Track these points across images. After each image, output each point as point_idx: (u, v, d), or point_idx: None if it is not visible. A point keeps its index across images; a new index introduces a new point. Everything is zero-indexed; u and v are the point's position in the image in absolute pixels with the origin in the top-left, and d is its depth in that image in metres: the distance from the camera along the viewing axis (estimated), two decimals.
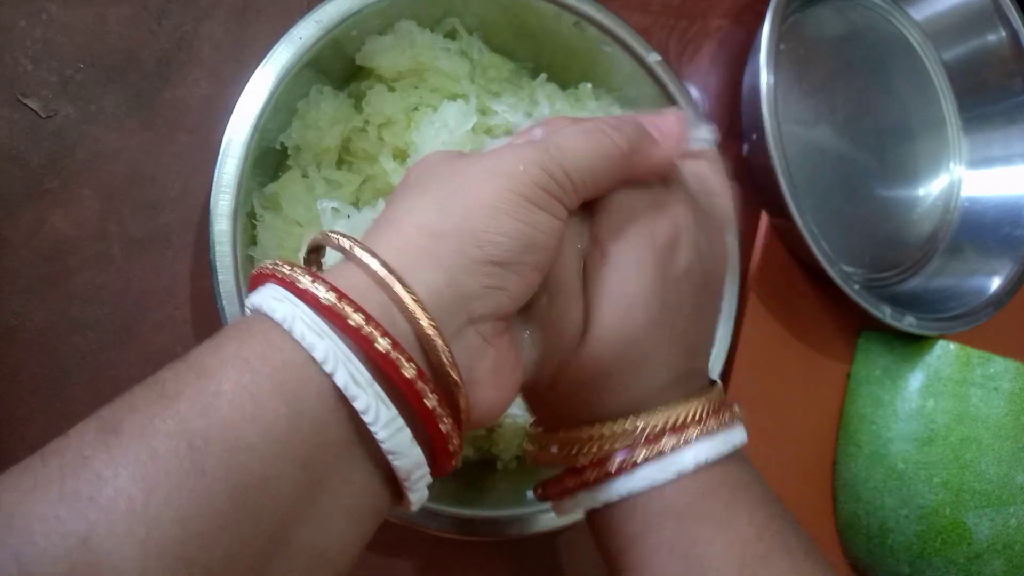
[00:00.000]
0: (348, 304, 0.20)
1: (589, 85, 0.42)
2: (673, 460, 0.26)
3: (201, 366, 0.20)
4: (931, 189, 0.56)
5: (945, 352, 0.49)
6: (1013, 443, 0.48)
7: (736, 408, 0.28)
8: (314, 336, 0.20)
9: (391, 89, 0.39)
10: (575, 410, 0.27)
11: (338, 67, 0.39)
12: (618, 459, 0.26)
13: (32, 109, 0.37)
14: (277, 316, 0.20)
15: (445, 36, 0.40)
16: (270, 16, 0.40)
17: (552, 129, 0.27)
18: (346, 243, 0.22)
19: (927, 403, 0.49)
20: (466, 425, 0.23)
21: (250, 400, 0.19)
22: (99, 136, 0.37)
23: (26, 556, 0.16)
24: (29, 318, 0.36)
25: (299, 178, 0.37)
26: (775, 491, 0.28)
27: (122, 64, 0.38)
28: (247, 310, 0.23)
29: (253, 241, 0.36)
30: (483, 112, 0.39)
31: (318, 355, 0.20)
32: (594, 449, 0.27)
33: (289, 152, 0.38)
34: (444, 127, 0.37)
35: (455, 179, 0.24)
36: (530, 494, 0.39)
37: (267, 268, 0.22)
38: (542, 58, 0.43)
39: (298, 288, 0.21)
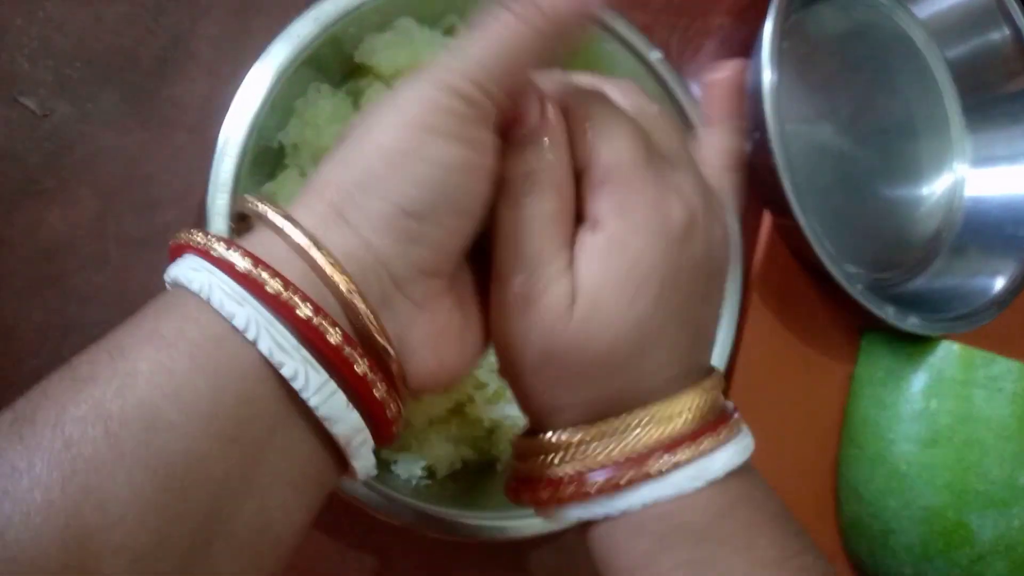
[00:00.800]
0: (265, 270, 0.20)
1: None
2: (700, 467, 0.23)
3: (116, 346, 0.19)
4: (935, 188, 0.56)
5: (948, 353, 0.49)
6: (1017, 444, 0.48)
7: (735, 410, 0.26)
8: (233, 304, 0.19)
9: (390, 87, 0.39)
10: (565, 407, 0.25)
11: (336, 65, 0.39)
12: (619, 469, 0.23)
13: (29, 108, 0.37)
14: (194, 286, 0.20)
15: (444, 33, 0.40)
16: (268, 14, 0.40)
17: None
18: (261, 208, 0.21)
19: (930, 404, 0.48)
20: (405, 392, 0.22)
21: (168, 377, 0.18)
22: (96, 135, 0.37)
23: None
24: (26, 318, 0.36)
25: (297, 177, 0.37)
26: (776, 492, 0.27)
27: (119, 62, 0.38)
28: (166, 284, 0.22)
29: None
30: None
31: (239, 323, 0.19)
32: (596, 457, 0.24)
33: (287, 151, 0.38)
34: None
35: (359, 126, 0.22)
36: None
37: (182, 239, 0.22)
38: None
39: (213, 257, 0.20)
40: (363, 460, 0.21)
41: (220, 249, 0.20)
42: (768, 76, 0.46)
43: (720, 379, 0.26)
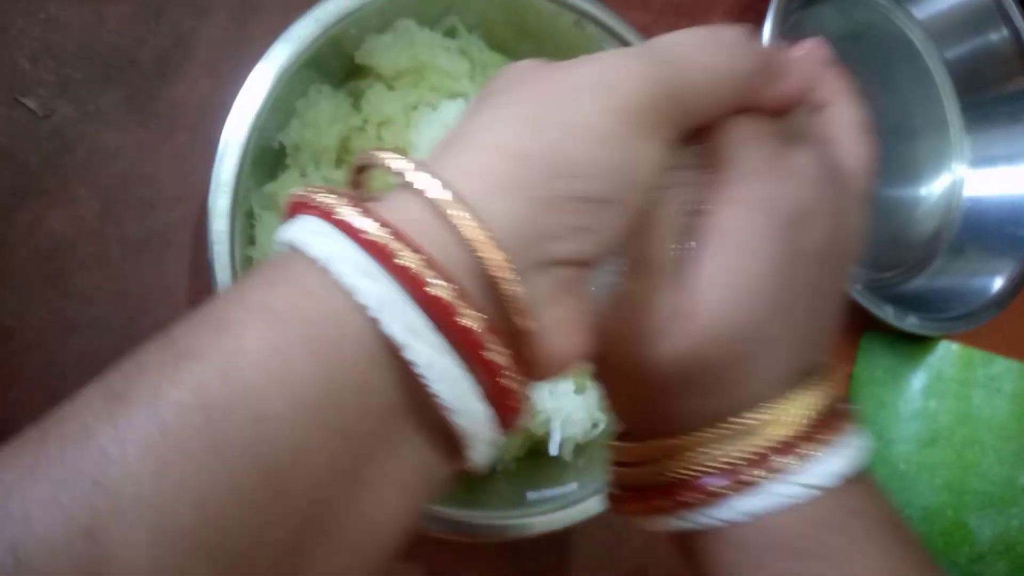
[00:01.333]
0: (398, 239, 0.17)
1: None
2: (814, 474, 0.21)
3: (221, 318, 0.17)
4: (933, 189, 0.56)
5: (948, 353, 0.49)
6: (1016, 444, 0.48)
7: (849, 408, 0.24)
8: (357, 276, 0.17)
9: (390, 88, 0.39)
10: (675, 414, 0.23)
11: (337, 66, 0.39)
12: (728, 477, 0.21)
13: (30, 108, 0.37)
14: (313, 252, 0.17)
15: (445, 34, 0.40)
16: (269, 14, 0.40)
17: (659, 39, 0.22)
18: (400, 163, 0.18)
19: (929, 404, 0.48)
20: (534, 375, 0.20)
21: (278, 360, 0.16)
22: (97, 135, 0.37)
23: (25, 548, 0.14)
24: (27, 319, 0.36)
25: (298, 177, 0.37)
26: None
27: (120, 63, 0.38)
28: (277, 244, 0.19)
29: (251, 241, 0.36)
30: None
31: (362, 298, 0.17)
32: (708, 463, 0.22)
33: (288, 151, 0.38)
34: (444, 126, 0.37)
35: (550, 89, 0.20)
36: (530, 495, 0.39)
37: (303, 195, 0.19)
38: (542, 56, 0.42)
39: (338, 220, 0.18)
40: (482, 454, 0.19)
41: (347, 212, 0.18)
42: None
43: (833, 383, 0.24)
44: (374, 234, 0.17)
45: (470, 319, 0.17)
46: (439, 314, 0.17)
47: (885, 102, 0.56)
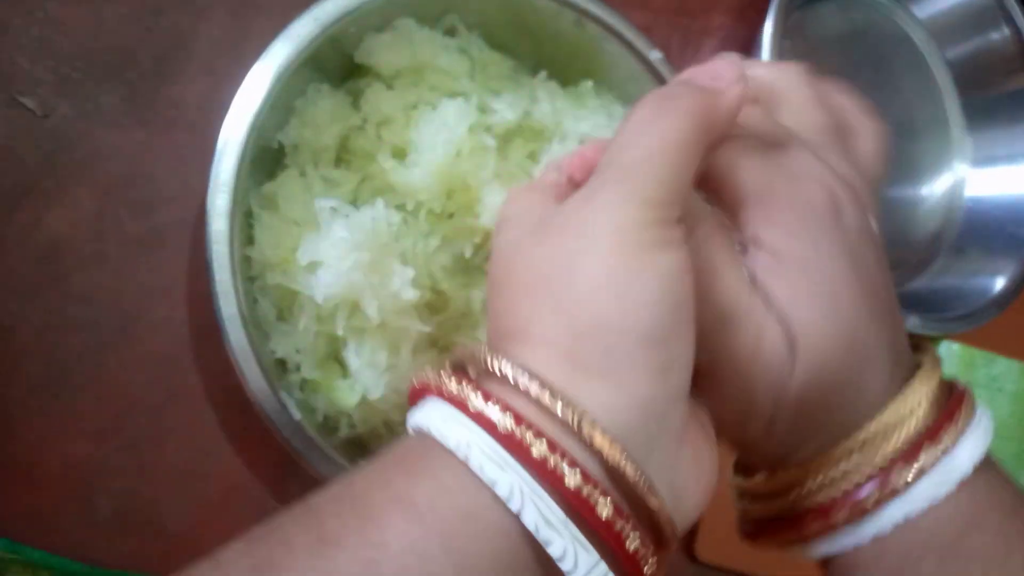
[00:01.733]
0: (529, 430, 0.18)
1: (590, 83, 0.42)
2: (947, 468, 0.21)
3: (366, 504, 0.17)
4: (934, 188, 0.56)
5: (949, 353, 0.49)
6: (1018, 444, 0.48)
7: (964, 388, 0.23)
8: (495, 468, 0.17)
9: (390, 87, 0.39)
10: (802, 444, 0.22)
11: (336, 65, 0.39)
12: (868, 489, 0.21)
13: (29, 108, 0.37)
14: (450, 443, 0.18)
15: (444, 33, 0.40)
16: (267, 13, 0.40)
17: (589, 152, 0.23)
18: (496, 362, 0.19)
19: None
20: (673, 548, 0.20)
21: (416, 560, 0.17)
22: (96, 135, 0.37)
23: None
24: (25, 318, 0.36)
25: (297, 177, 0.37)
26: None
27: (119, 62, 0.38)
28: (409, 428, 0.20)
29: (250, 240, 0.35)
30: (483, 110, 0.39)
31: (501, 491, 0.17)
32: (842, 483, 0.21)
33: (287, 151, 0.38)
34: (443, 125, 0.36)
35: (552, 264, 0.20)
36: None
37: (431, 381, 0.20)
38: (542, 56, 0.42)
39: (470, 411, 0.18)
40: None
41: (478, 401, 0.18)
42: None
43: (936, 355, 0.23)
44: (504, 425, 0.18)
45: (609, 510, 0.18)
46: (579, 507, 0.18)
47: (886, 102, 0.55)
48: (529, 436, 0.18)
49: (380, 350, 0.35)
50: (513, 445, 0.18)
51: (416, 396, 0.21)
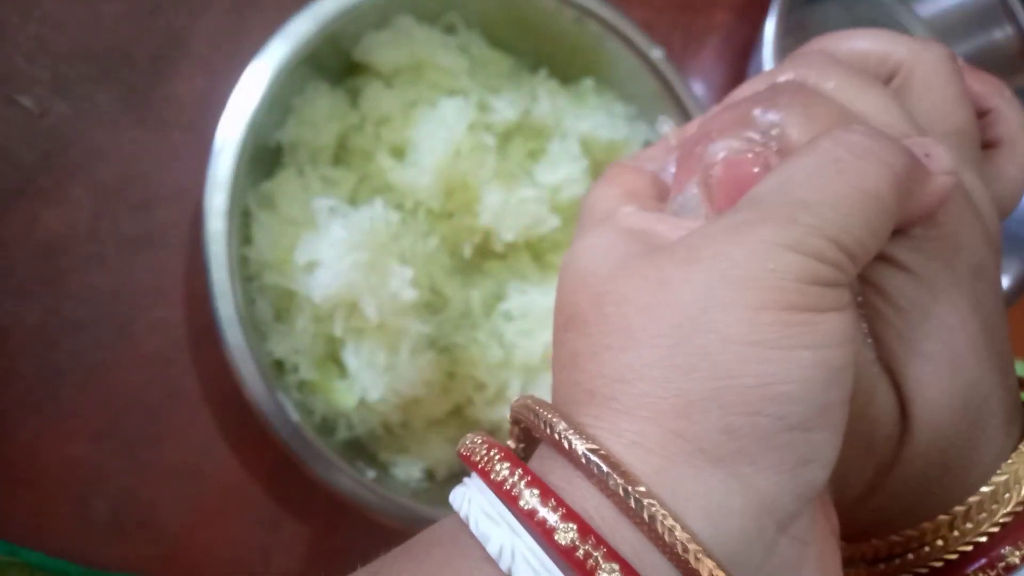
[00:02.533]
0: (597, 547, 0.14)
1: (590, 81, 0.42)
2: None
3: None
4: None
5: None
6: None
7: None
8: None
9: (388, 85, 0.38)
10: (903, 514, 0.19)
11: (334, 63, 0.38)
12: (979, 564, 0.18)
13: (25, 107, 0.37)
14: (491, 549, 0.14)
15: (444, 31, 0.40)
16: (265, 11, 0.40)
17: (775, 155, 0.18)
18: (576, 444, 0.15)
19: None
20: None
21: None
22: (93, 133, 0.37)
23: None
24: (22, 318, 0.35)
25: (294, 176, 0.36)
26: None
27: (116, 60, 0.38)
28: (452, 503, 0.16)
29: (248, 240, 0.35)
30: (482, 108, 0.38)
31: None
32: (937, 553, 0.19)
33: (284, 150, 0.37)
34: (442, 124, 0.36)
35: (670, 307, 0.15)
36: None
37: (477, 454, 0.16)
38: (542, 53, 0.42)
39: (521, 508, 0.14)
40: None
41: (531, 499, 0.14)
42: None
43: None
44: (568, 538, 0.14)
45: None
46: None
47: None
48: (596, 556, 0.14)
49: (379, 351, 0.35)
50: (574, 563, 0.14)
51: (466, 461, 0.17)
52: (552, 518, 0.14)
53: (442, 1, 0.39)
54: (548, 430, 0.16)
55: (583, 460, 0.15)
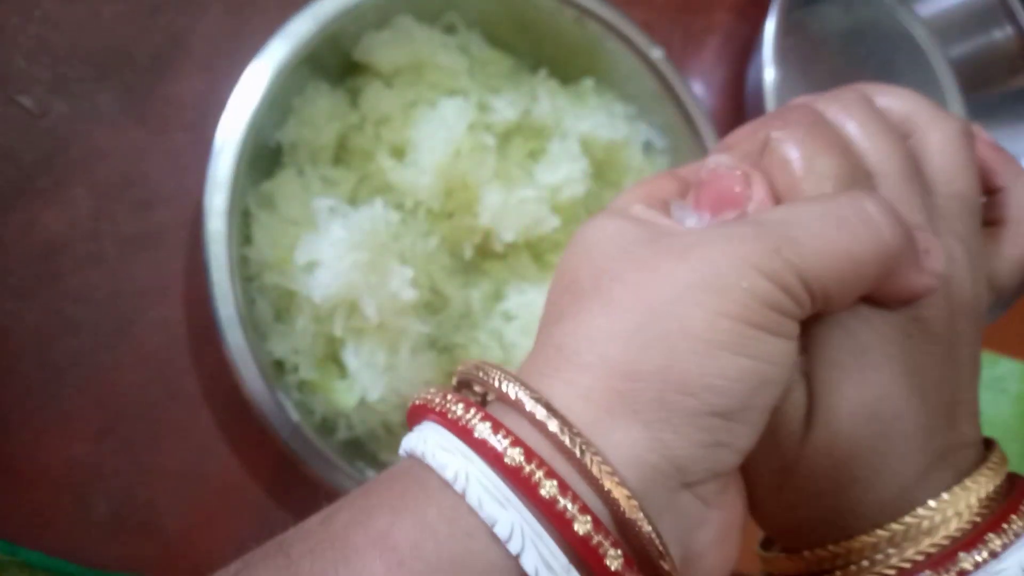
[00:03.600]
0: (541, 468, 0.16)
1: (590, 81, 0.42)
2: (995, 570, 0.19)
3: (343, 544, 0.16)
4: None
5: None
6: (1020, 444, 0.47)
7: None
8: (495, 506, 0.16)
9: (388, 85, 0.38)
10: (818, 520, 0.21)
11: (334, 63, 0.38)
12: None
13: (25, 107, 0.37)
14: (447, 474, 0.16)
15: (444, 31, 0.40)
16: (265, 11, 0.40)
17: (780, 198, 0.20)
18: (512, 389, 0.18)
19: None
20: None
21: None
22: (92, 134, 0.37)
23: None
24: (21, 318, 0.35)
25: (294, 176, 0.37)
26: None
27: (116, 61, 0.38)
28: (402, 452, 0.18)
29: (248, 240, 0.35)
30: (482, 108, 0.38)
31: (501, 531, 0.16)
32: (862, 573, 0.20)
33: (284, 150, 0.37)
34: (442, 124, 0.36)
35: (651, 291, 0.18)
36: None
37: (432, 402, 0.18)
38: (542, 53, 0.42)
39: (475, 438, 0.17)
40: None
41: (483, 430, 0.17)
42: (770, 74, 0.45)
43: (1002, 456, 0.22)
44: (512, 458, 0.16)
45: (619, 563, 0.16)
46: (586, 556, 0.16)
47: None
48: (539, 474, 0.16)
49: (379, 350, 0.35)
50: (519, 481, 0.16)
51: (415, 416, 0.19)
52: (501, 444, 0.16)
53: (442, 1, 0.39)
54: (497, 383, 0.18)
55: (526, 407, 0.17)
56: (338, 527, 0.17)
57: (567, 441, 0.17)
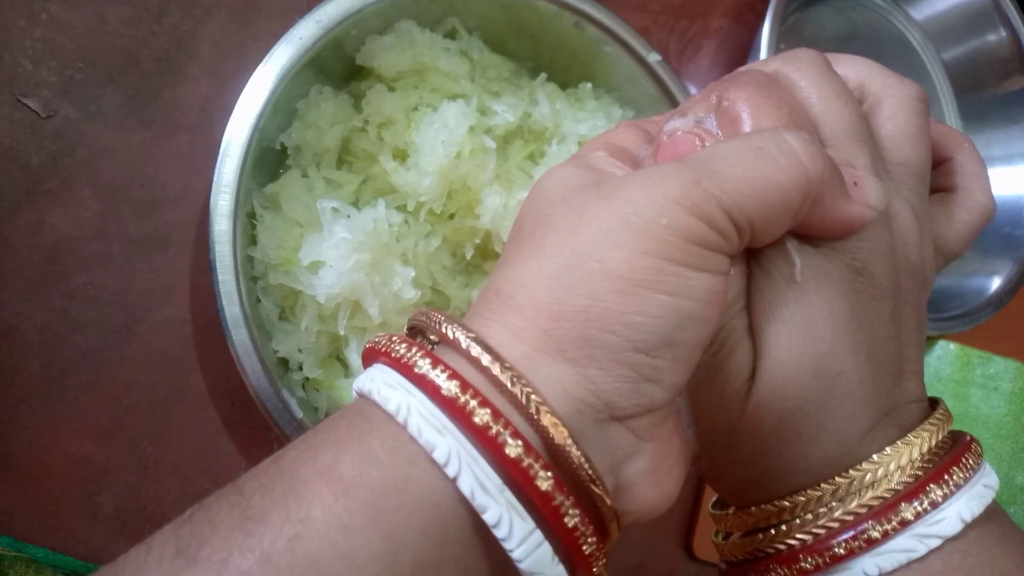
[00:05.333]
0: (475, 397, 0.17)
1: (589, 85, 0.42)
2: (930, 523, 0.20)
3: (292, 478, 0.17)
4: None
5: (945, 352, 0.49)
6: (1013, 443, 0.48)
7: (972, 441, 0.22)
8: (433, 432, 0.17)
9: (391, 89, 0.39)
10: (765, 477, 0.21)
11: (338, 67, 0.39)
12: (844, 537, 0.20)
13: (32, 109, 0.37)
14: (390, 407, 0.18)
15: (445, 36, 0.40)
16: (270, 16, 0.40)
17: (709, 135, 0.21)
18: (451, 330, 0.18)
19: None
20: (615, 536, 0.19)
21: (342, 535, 0.16)
22: (99, 136, 0.37)
23: None
24: (29, 318, 0.36)
25: (299, 178, 0.37)
26: None
27: (122, 64, 0.38)
28: (354, 392, 0.20)
29: (253, 241, 0.36)
30: (483, 112, 0.39)
31: (438, 455, 0.17)
32: (807, 526, 0.21)
33: (289, 152, 0.38)
34: (444, 127, 0.37)
35: (577, 234, 0.19)
36: None
37: (380, 343, 0.19)
38: (542, 58, 0.42)
39: (415, 373, 0.18)
40: None
41: (423, 366, 0.18)
42: None
43: (946, 413, 0.22)
44: (448, 389, 0.17)
45: (548, 484, 0.17)
46: (517, 477, 0.17)
47: None
48: (473, 403, 0.17)
49: None
50: (455, 410, 0.17)
51: (367, 359, 0.20)
52: (439, 378, 0.18)
53: (444, 6, 0.40)
54: (437, 326, 0.19)
55: (463, 346, 0.18)
56: (286, 463, 0.18)
57: (498, 373, 0.18)
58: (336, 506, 0.16)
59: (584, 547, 0.18)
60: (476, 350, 0.18)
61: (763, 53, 0.46)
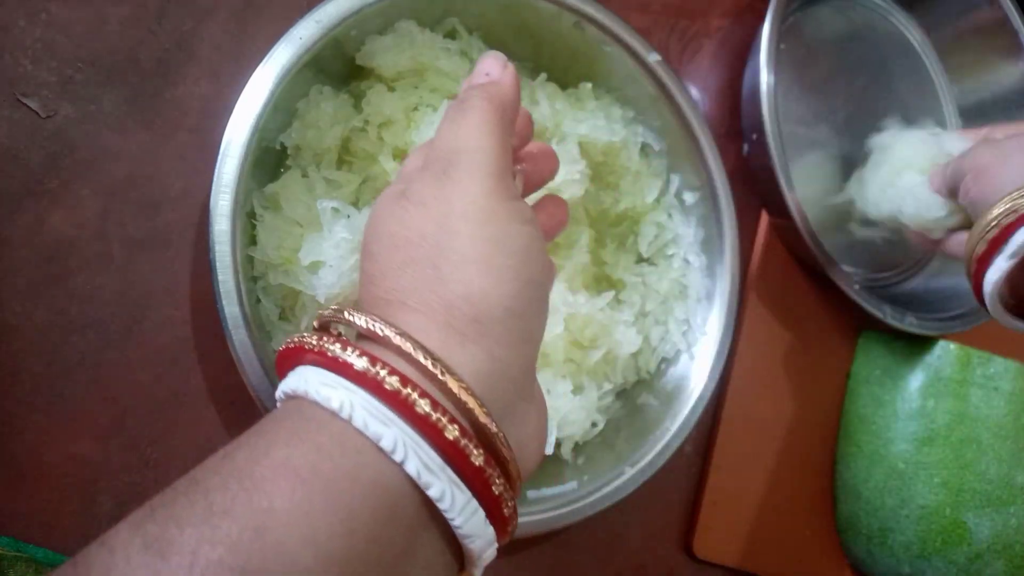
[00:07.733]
0: (415, 391, 0.20)
1: (589, 85, 0.42)
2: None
3: (250, 476, 0.18)
4: None
5: (945, 352, 0.49)
6: (1013, 443, 0.48)
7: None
8: (379, 425, 0.19)
9: (391, 89, 0.39)
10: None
11: (338, 67, 0.39)
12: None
13: (32, 109, 0.37)
14: (333, 405, 0.20)
15: (445, 36, 0.40)
16: (270, 16, 0.40)
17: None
18: (378, 327, 0.21)
19: (927, 403, 0.49)
20: (517, 493, 0.23)
21: (304, 519, 0.18)
22: (99, 136, 0.37)
23: None
24: (29, 318, 0.36)
25: (299, 178, 0.37)
26: (774, 492, 0.26)
27: (122, 64, 0.38)
28: (280, 393, 0.22)
29: (253, 241, 0.36)
30: None
31: (386, 444, 0.19)
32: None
33: (289, 152, 0.38)
34: None
35: (425, 242, 0.23)
36: (530, 494, 0.39)
37: (308, 344, 0.21)
38: (542, 58, 0.43)
39: (355, 371, 0.20)
40: (485, 564, 0.22)
41: (361, 364, 0.20)
42: (766, 78, 0.46)
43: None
44: (396, 387, 0.20)
45: (481, 459, 0.20)
46: (455, 456, 0.20)
47: (883, 102, 0.56)
48: (414, 396, 0.20)
49: None
50: (398, 403, 0.20)
51: (287, 360, 0.22)
52: (381, 374, 0.20)
53: (443, 6, 0.40)
54: (364, 324, 0.22)
55: (392, 340, 0.21)
56: (240, 463, 0.19)
57: (429, 365, 0.21)
58: (296, 495, 0.18)
59: (504, 510, 0.21)
60: (408, 346, 0.21)
61: (763, 53, 0.46)
